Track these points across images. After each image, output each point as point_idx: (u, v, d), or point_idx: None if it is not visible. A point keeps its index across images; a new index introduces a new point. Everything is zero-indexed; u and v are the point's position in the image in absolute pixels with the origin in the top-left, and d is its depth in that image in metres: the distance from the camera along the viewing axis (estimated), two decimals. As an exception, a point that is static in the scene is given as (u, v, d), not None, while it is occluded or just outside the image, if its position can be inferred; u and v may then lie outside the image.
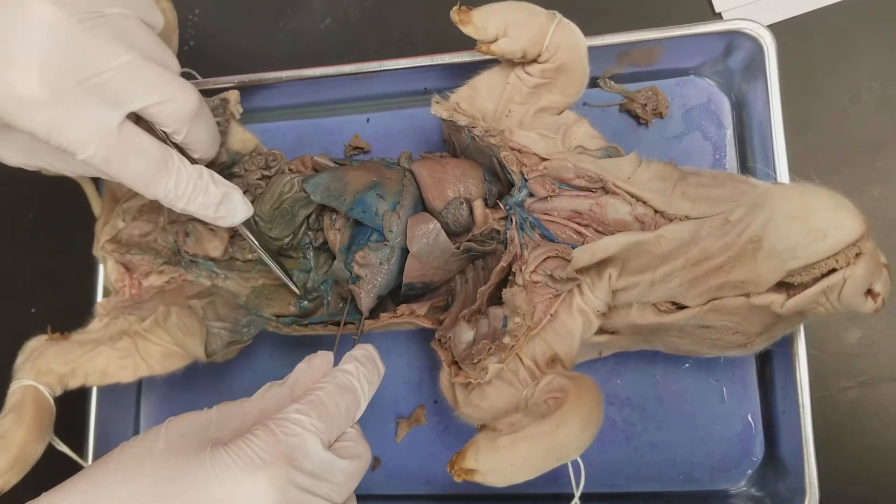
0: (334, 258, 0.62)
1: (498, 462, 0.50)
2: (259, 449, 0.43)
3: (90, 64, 0.46)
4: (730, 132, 0.66)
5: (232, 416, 0.49)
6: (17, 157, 0.52)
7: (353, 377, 0.51)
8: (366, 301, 0.59)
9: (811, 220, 0.46)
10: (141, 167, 0.50)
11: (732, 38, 0.62)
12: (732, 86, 0.66)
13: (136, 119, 0.51)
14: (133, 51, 0.48)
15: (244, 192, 0.63)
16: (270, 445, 0.43)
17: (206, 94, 0.66)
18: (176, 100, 0.51)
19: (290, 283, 0.63)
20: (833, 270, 0.46)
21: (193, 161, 0.55)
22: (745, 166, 0.65)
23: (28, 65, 0.44)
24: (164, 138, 0.53)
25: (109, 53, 0.47)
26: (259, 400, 0.50)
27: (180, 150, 0.55)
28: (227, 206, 0.56)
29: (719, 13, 0.70)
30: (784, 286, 0.48)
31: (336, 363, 0.53)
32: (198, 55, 0.79)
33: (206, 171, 0.55)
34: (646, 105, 0.67)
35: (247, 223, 0.60)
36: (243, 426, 0.47)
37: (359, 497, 0.65)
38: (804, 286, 0.47)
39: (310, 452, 0.45)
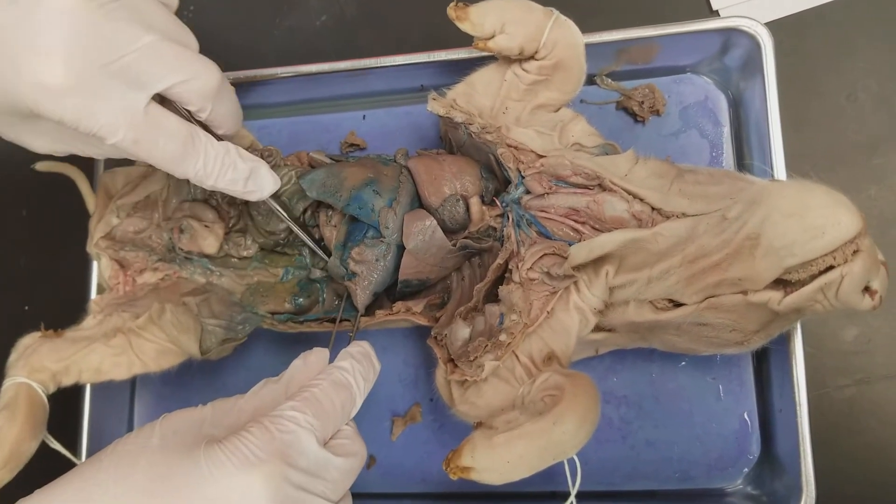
0: (330, 255, 0.61)
1: (494, 460, 0.50)
2: (254, 446, 0.43)
3: (113, 48, 0.46)
4: (727, 130, 0.66)
5: (226, 412, 0.48)
6: (46, 144, 0.52)
7: (348, 374, 0.51)
8: (362, 297, 0.59)
9: (809, 218, 0.45)
10: (170, 147, 0.50)
11: (730, 36, 0.62)
12: (729, 83, 0.66)
13: (161, 100, 0.51)
14: (153, 32, 0.48)
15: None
16: (265, 443, 0.43)
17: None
18: (199, 78, 0.50)
19: (320, 251, 0.63)
20: (830, 268, 0.46)
21: (219, 138, 0.55)
22: (742, 164, 0.65)
23: (51, 53, 0.44)
24: (189, 117, 0.53)
25: (131, 36, 0.47)
26: (254, 397, 0.49)
27: (205, 127, 0.54)
28: (256, 180, 0.56)
29: (716, 10, 0.70)
30: (781, 283, 0.48)
31: (332, 360, 0.52)
32: (193, 51, 0.79)
33: (232, 146, 0.55)
34: (643, 102, 0.67)
35: (273, 195, 0.59)
36: (238, 423, 0.47)
37: (354, 495, 0.65)
38: (801, 283, 0.47)
39: (305, 450, 0.45)
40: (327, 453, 0.46)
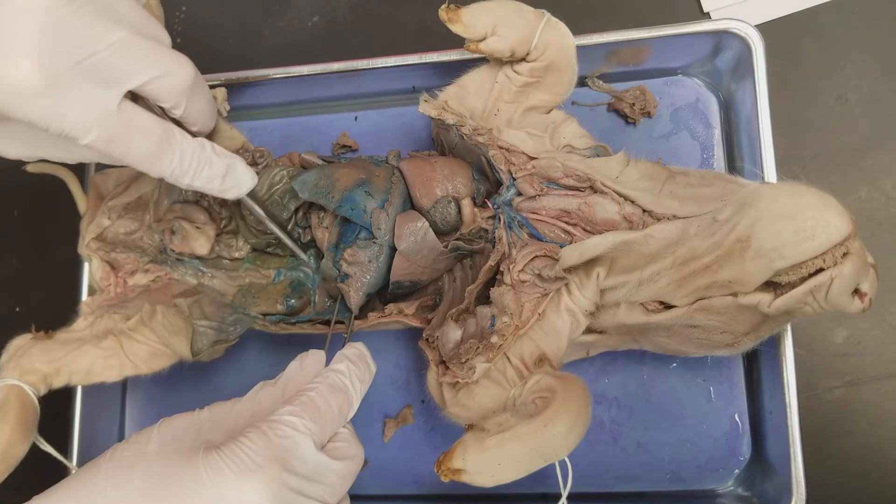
0: (322, 256, 0.61)
1: (485, 462, 0.50)
2: (252, 452, 0.43)
3: (83, 45, 0.45)
4: (718, 132, 0.66)
5: (224, 416, 0.48)
6: (16, 148, 0.51)
7: (344, 377, 0.51)
8: (355, 299, 0.59)
9: (799, 220, 0.46)
10: (144, 146, 0.50)
11: (721, 38, 0.62)
12: (720, 85, 0.67)
13: (133, 98, 0.50)
14: (123, 27, 0.47)
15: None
16: (263, 448, 0.43)
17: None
18: (172, 74, 0.50)
19: (300, 252, 0.63)
20: (820, 270, 0.46)
21: (193, 134, 0.54)
22: (732, 166, 0.65)
23: (20, 53, 0.43)
24: (162, 114, 0.52)
25: (101, 32, 0.46)
26: (251, 400, 0.49)
27: (179, 124, 0.54)
28: (233, 176, 0.55)
29: (707, 13, 0.70)
30: (771, 286, 0.48)
31: (328, 362, 0.52)
32: (185, 52, 0.77)
33: (207, 143, 0.54)
34: (634, 104, 0.67)
35: (251, 194, 0.59)
36: (236, 427, 0.47)
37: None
38: (791, 286, 0.47)
39: (303, 454, 0.45)
40: (325, 457, 0.46)
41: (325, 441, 0.48)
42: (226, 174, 0.55)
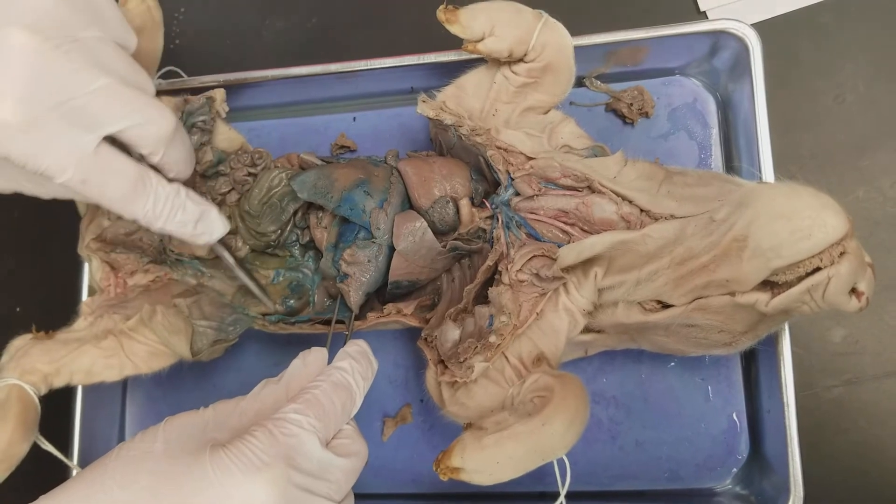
0: (321, 256, 0.62)
1: (484, 461, 0.50)
2: (258, 450, 0.43)
3: (66, 89, 0.46)
4: (715, 132, 0.67)
5: (229, 415, 0.48)
6: None
7: (347, 374, 0.51)
8: (355, 298, 0.59)
9: (796, 220, 0.46)
10: (119, 189, 0.50)
11: (718, 38, 0.62)
12: (718, 85, 0.67)
13: (112, 140, 0.51)
14: (109, 75, 0.48)
15: (231, 190, 0.64)
16: (269, 446, 0.43)
17: (192, 91, 0.66)
18: (153, 123, 0.51)
19: (266, 300, 0.63)
20: (817, 269, 0.46)
21: (170, 180, 0.55)
22: (730, 166, 0.65)
23: (3, 92, 0.44)
24: (140, 159, 0.53)
25: (85, 78, 0.47)
26: (255, 399, 0.50)
27: (156, 169, 0.54)
28: (205, 223, 0.56)
29: (704, 12, 0.70)
30: (769, 285, 0.48)
31: (330, 360, 0.53)
32: (183, 53, 0.79)
33: (182, 188, 0.55)
34: (632, 104, 0.67)
35: (223, 241, 0.60)
36: (241, 426, 0.47)
37: (345, 496, 0.66)
38: (789, 285, 0.47)
39: (308, 452, 0.45)
40: (330, 454, 0.46)
41: (329, 438, 0.48)
42: (199, 220, 0.56)
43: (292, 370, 0.52)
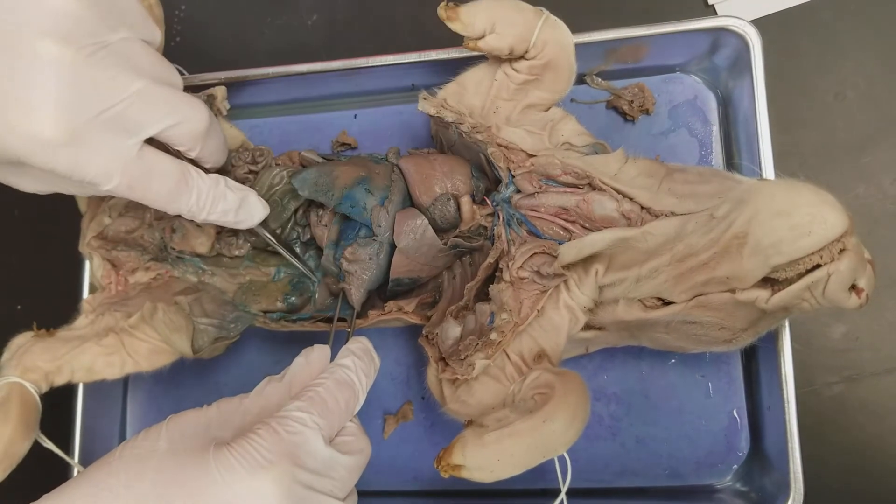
0: (321, 253, 0.62)
1: (485, 458, 0.50)
2: (262, 448, 0.43)
3: (104, 97, 0.46)
4: (716, 129, 0.67)
5: (232, 413, 0.49)
6: (33, 184, 0.52)
7: (350, 371, 0.51)
8: (356, 296, 0.59)
9: (796, 217, 0.46)
10: (164, 188, 0.51)
11: (718, 36, 0.62)
12: (719, 83, 0.67)
13: (150, 139, 0.51)
14: (142, 77, 0.48)
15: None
16: (273, 444, 0.44)
17: (193, 89, 0.66)
18: (189, 120, 0.51)
19: (310, 274, 0.64)
20: (817, 266, 0.46)
21: (207, 171, 0.55)
22: (731, 163, 0.66)
23: (43, 107, 0.44)
24: (178, 155, 0.53)
25: (121, 83, 0.47)
26: (258, 397, 0.50)
27: (193, 162, 0.55)
28: (246, 208, 0.57)
29: (712, 5, 0.70)
30: (769, 282, 0.48)
31: (333, 357, 0.53)
32: (184, 50, 0.79)
33: (221, 178, 0.55)
34: (632, 102, 0.67)
35: (263, 222, 0.60)
36: (244, 424, 0.47)
37: (346, 493, 0.66)
38: (789, 282, 0.47)
39: (312, 450, 0.45)
40: (334, 452, 0.47)
41: (333, 435, 0.48)
42: (239, 207, 0.56)
43: (295, 368, 0.52)
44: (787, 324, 0.58)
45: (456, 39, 0.59)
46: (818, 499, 0.60)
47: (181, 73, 0.68)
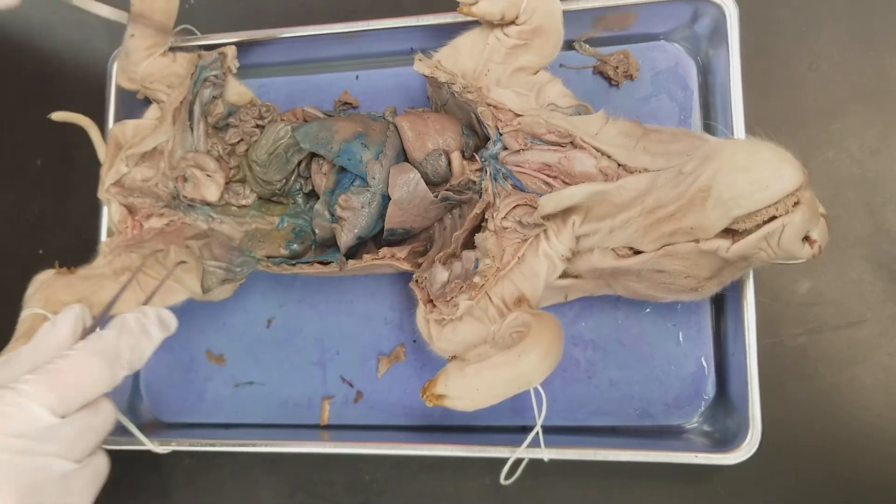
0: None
1: (465, 388, 0.55)
2: None
3: None
4: (695, 95, 0.70)
5: None
6: None
7: (108, 344, 0.53)
8: (345, 239, 0.63)
9: (755, 172, 0.50)
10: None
11: (698, 6, 0.66)
12: (699, 51, 0.70)
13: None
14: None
15: (240, 141, 0.68)
16: None
17: (205, 49, 0.70)
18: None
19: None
20: (774, 218, 0.50)
21: None
22: (707, 127, 0.69)
23: None
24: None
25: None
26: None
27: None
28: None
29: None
30: (730, 233, 0.52)
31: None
32: (198, 12, 0.83)
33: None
34: (617, 67, 0.71)
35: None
36: None
37: (342, 427, 0.71)
38: (747, 232, 0.51)
39: (28, 419, 0.47)
40: (54, 419, 0.48)
41: (71, 405, 0.49)
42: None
43: (40, 334, 0.55)
44: (751, 277, 0.62)
45: (452, 5, 0.63)
46: (779, 439, 0.65)
47: (194, 34, 0.72)
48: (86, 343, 0.53)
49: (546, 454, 0.61)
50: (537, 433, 0.59)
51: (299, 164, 0.68)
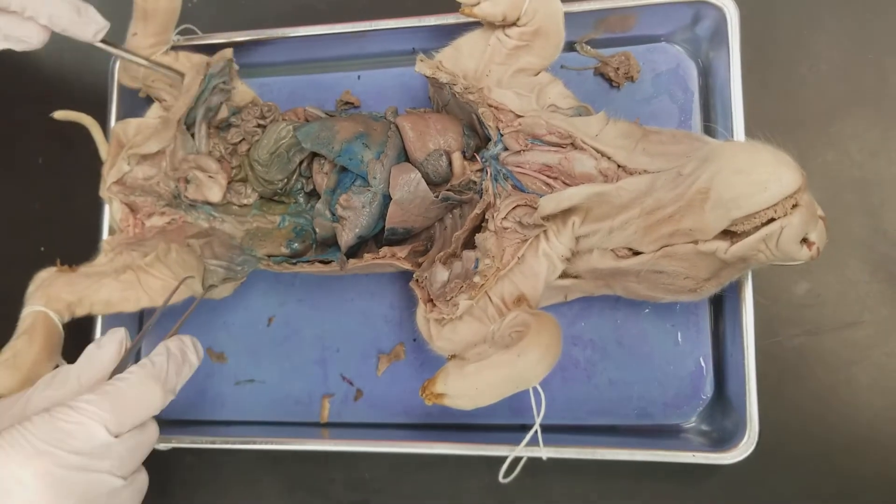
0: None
1: (464, 386, 0.55)
2: (31, 436, 0.47)
3: None
4: (696, 96, 0.70)
5: (10, 404, 0.53)
6: None
7: (160, 369, 0.55)
8: (346, 238, 0.63)
9: (754, 174, 0.50)
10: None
11: (699, 8, 0.66)
12: (700, 53, 0.71)
13: None
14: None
15: (241, 140, 0.68)
16: (46, 433, 0.47)
17: (206, 49, 0.70)
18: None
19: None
20: (772, 220, 0.50)
21: None
22: (707, 129, 0.69)
23: None
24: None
25: None
26: (47, 387, 0.54)
27: None
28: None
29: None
30: (728, 234, 0.53)
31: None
32: (201, 14, 0.83)
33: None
34: (618, 69, 0.71)
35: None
36: (26, 413, 0.51)
37: (342, 424, 0.71)
38: (746, 234, 0.51)
39: (87, 436, 0.49)
40: (110, 438, 0.50)
41: (125, 426, 0.51)
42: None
43: (84, 357, 0.56)
44: (749, 278, 0.62)
45: (454, 6, 0.63)
46: (776, 438, 0.65)
47: (195, 33, 0.72)
48: (141, 367, 0.54)
49: (545, 453, 0.61)
50: (536, 432, 0.59)
51: (301, 163, 0.68)
